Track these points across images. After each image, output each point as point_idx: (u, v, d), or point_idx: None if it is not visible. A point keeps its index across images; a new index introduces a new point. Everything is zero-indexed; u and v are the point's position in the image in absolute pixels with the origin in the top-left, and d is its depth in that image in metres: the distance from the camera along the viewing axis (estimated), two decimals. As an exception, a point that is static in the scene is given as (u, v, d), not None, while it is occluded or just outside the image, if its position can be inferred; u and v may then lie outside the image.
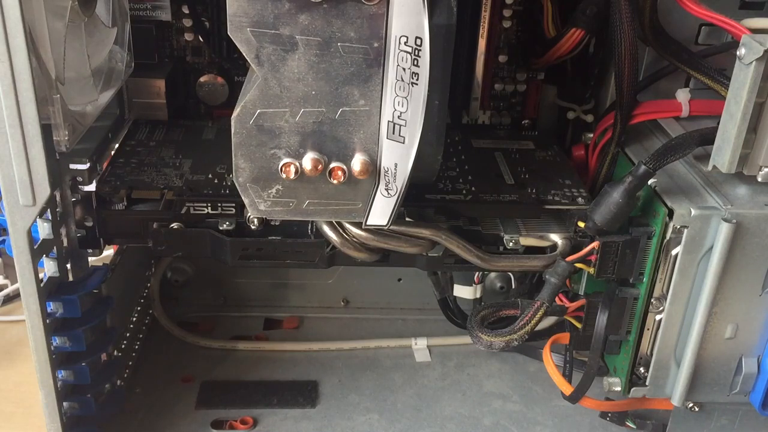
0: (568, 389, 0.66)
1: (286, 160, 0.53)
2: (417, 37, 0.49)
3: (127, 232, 0.64)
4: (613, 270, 0.62)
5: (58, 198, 0.59)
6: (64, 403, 0.63)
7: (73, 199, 0.61)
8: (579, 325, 0.65)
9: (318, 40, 0.49)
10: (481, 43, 0.72)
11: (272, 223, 0.63)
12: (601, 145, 0.69)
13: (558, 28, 0.71)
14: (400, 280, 0.91)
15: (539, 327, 0.62)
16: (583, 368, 0.65)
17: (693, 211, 0.58)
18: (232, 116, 0.52)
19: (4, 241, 0.73)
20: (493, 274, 0.88)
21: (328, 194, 0.55)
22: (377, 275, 0.90)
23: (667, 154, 0.58)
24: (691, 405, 0.67)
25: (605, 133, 0.68)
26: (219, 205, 0.62)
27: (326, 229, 0.60)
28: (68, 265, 0.63)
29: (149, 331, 0.85)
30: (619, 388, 0.67)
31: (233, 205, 0.62)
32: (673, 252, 0.60)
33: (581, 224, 0.62)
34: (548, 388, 0.80)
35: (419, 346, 0.86)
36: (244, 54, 0.50)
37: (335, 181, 0.53)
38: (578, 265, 0.62)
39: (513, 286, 0.86)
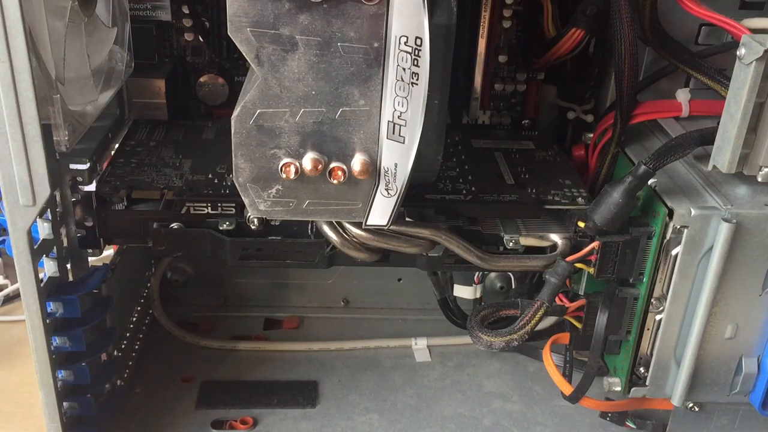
0: (568, 389, 0.66)
1: (286, 160, 0.53)
2: (417, 37, 0.49)
3: (127, 232, 0.64)
4: (613, 270, 0.62)
5: (58, 198, 0.59)
6: (64, 403, 0.63)
7: (73, 199, 0.61)
8: (579, 325, 0.65)
9: (318, 40, 0.49)
10: (481, 43, 0.72)
11: (272, 223, 0.63)
12: (601, 145, 0.69)
13: (558, 28, 0.71)
14: (400, 280, 0.91)
15: (539, 327, 0.62)
16: (583, 368, 0.65)
17: (693, 211, 0.58)
18: (232, 116, 0.52)
19: (4, 241, 0.73)
20: (493, 274, 0.87)
21: (328, 194, 0.55)
22: (377, 275, 0.90)
23: (667, 154, 0.58)
24: (691, 405, 0.67)
25: (605, 133, 0.68)
26: (219, 205, 0.62)
27: (326, 229, 0.60)
28: (68, 265, 0.63)
29: (149, 331, 0.85)
30: (619, 388, 0.67)
31: (233, 205, 0.62)
32: (673, 252, 0.60)
33: (581, 224, 0.62)
34: (548, 388, 0.80)
35: (419, 346, 0.86)
36: (244, 54, 0.50)
37: (335, 181, 0.53)
38: (578, 265, 0.62)
39: (513, 286, 0.86)
